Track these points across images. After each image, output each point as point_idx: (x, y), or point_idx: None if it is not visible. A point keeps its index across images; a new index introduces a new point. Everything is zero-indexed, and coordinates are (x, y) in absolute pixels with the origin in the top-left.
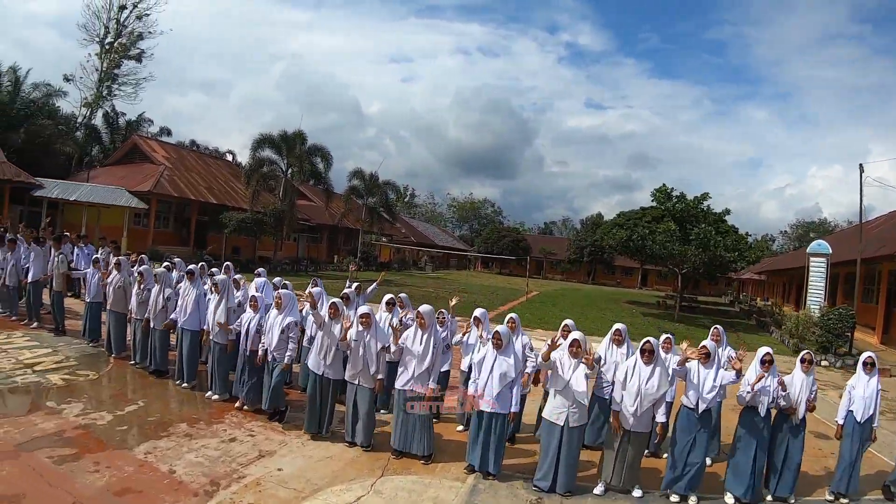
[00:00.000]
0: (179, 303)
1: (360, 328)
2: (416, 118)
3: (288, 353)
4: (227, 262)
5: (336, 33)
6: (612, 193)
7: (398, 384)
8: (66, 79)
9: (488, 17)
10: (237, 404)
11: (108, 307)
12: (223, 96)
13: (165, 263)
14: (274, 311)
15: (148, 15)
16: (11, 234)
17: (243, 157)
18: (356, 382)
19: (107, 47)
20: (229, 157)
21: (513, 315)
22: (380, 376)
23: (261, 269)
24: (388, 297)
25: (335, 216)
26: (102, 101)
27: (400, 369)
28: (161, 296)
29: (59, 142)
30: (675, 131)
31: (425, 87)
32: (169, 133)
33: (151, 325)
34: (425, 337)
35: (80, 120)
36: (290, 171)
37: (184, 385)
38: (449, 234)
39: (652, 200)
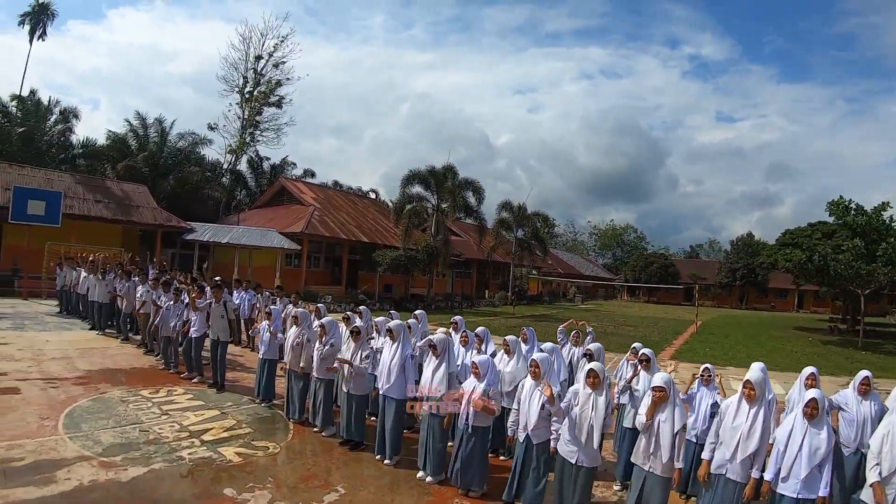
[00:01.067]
0: (381, 366)
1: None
2: (545, 147)
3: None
4: (420, 311)
5: (459, 70)
6: (751, 210)
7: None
8: (211, 127)
9: (607, 38)
10: (460, 490)
11: (287, 365)
12: (355, 139)
13: (348, 313)
14: (529, 382)
15: (284, 62)
16: (177, 284)
17: (384, 196)
18: (646, 468)
19: (247, 96)
20: (373, 196)
21: (813, 369)
22: (678, 465)
23: (457, 318)
24: (642, 350)
25: (484, 250)
26: (246, 146)
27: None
28: (359, 354)
29: (207, 187)
30: (810, 137)
31: (552, 114)
32: (313, 175)
33: (345, 390)
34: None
35: (225, 166)
36: (441, 205)
37: (386, 462)
38: (593, 262)
39: (829, 215)
